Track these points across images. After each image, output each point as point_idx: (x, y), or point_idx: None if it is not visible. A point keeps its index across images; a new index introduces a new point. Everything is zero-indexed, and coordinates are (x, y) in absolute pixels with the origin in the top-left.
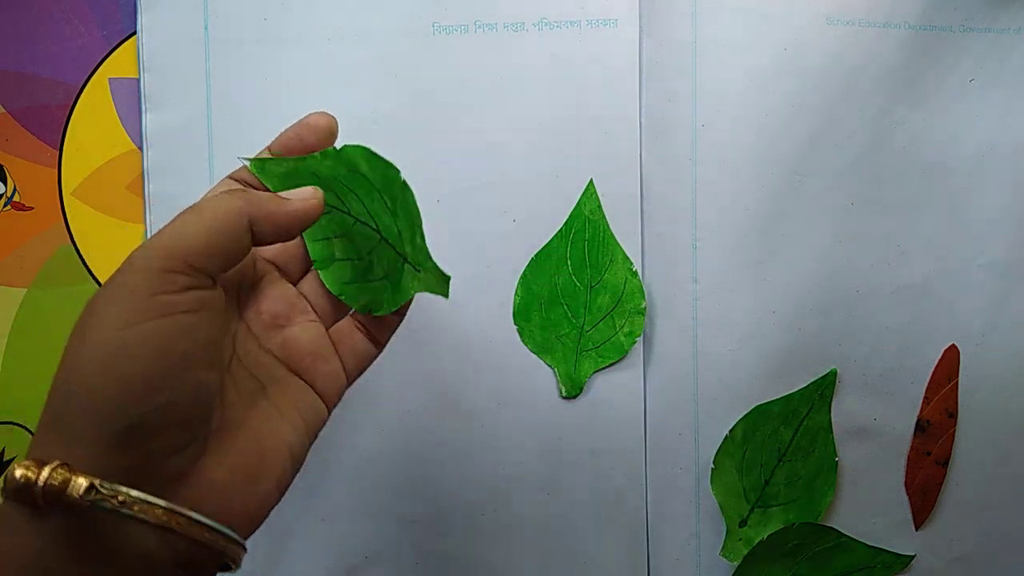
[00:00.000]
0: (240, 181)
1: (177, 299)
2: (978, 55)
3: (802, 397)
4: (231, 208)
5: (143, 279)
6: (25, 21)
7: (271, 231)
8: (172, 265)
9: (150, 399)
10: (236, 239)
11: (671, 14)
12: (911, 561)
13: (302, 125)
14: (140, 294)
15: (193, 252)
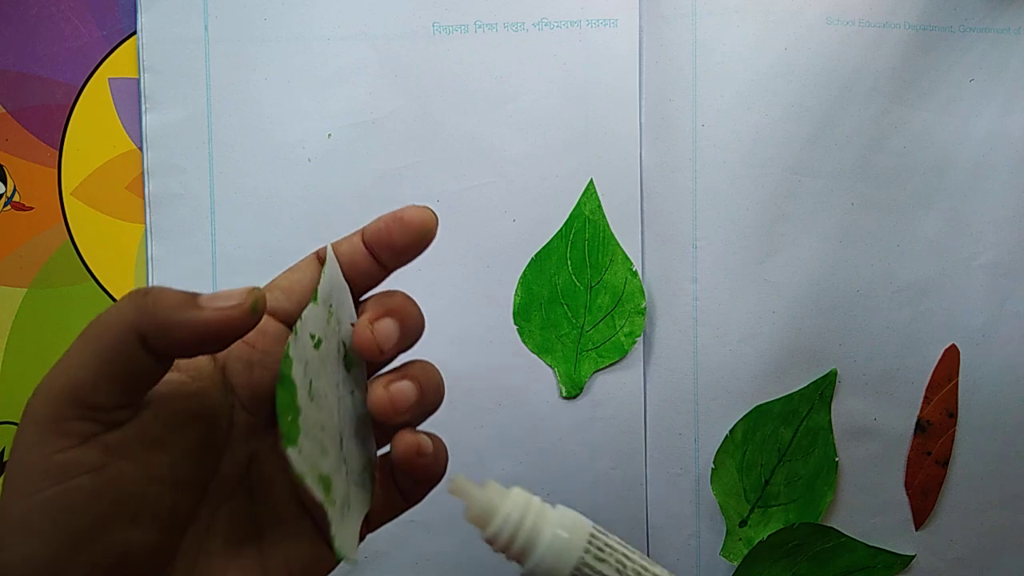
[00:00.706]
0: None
1: (75, 457)
2: (978, 55)
3: (802, 397)
4: (120, 323)
5: (36, 436)
6: (25, 21)
7: (169, 347)
8: (63, 412)
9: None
10: (126, 362)
11: (671, 14)
12: (911, 561)
13: (394, 219)
14: (36, 455)
15: (83, 388)
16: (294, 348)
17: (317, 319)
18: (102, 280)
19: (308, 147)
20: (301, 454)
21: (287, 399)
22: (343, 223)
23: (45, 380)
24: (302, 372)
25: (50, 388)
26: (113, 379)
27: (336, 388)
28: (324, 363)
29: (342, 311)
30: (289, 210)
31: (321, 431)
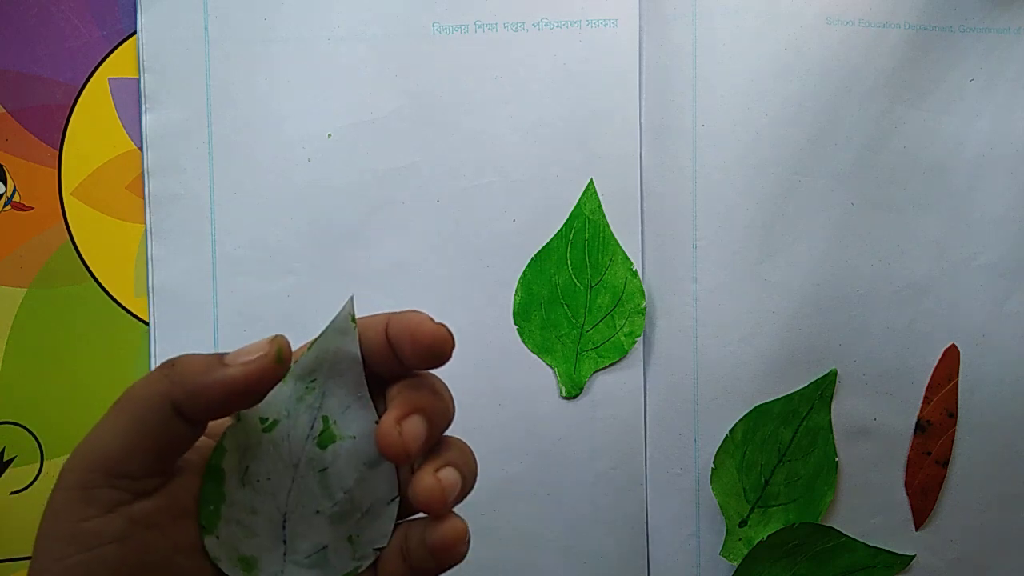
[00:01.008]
0: None
1: (100, 526)
2: (978, 55)
3: (802, 397)
4: (152, 393)
5: (64, 503)
6: (25, 21)
7: (202, 411)
8: (91, 480)
9: None
10: (161, 431)
11: (671, 14)
12: (911, 561)
13: (408, 330)
14: (63, 521)
15: (113, 458)
16: (230, 437)
17: (278, 400)
18: (102, 280)
19: (308, 147)
20: (219, 540)
21: (211, 489)
22: (343, 223)
23: (78, 448)
24: (236, 460)
25: (82, 456)
26: (146, 449)
27: (292, 468)
28: (276, 445)
29: (338, 384)
30: (289, 210)
31: (252, 514)
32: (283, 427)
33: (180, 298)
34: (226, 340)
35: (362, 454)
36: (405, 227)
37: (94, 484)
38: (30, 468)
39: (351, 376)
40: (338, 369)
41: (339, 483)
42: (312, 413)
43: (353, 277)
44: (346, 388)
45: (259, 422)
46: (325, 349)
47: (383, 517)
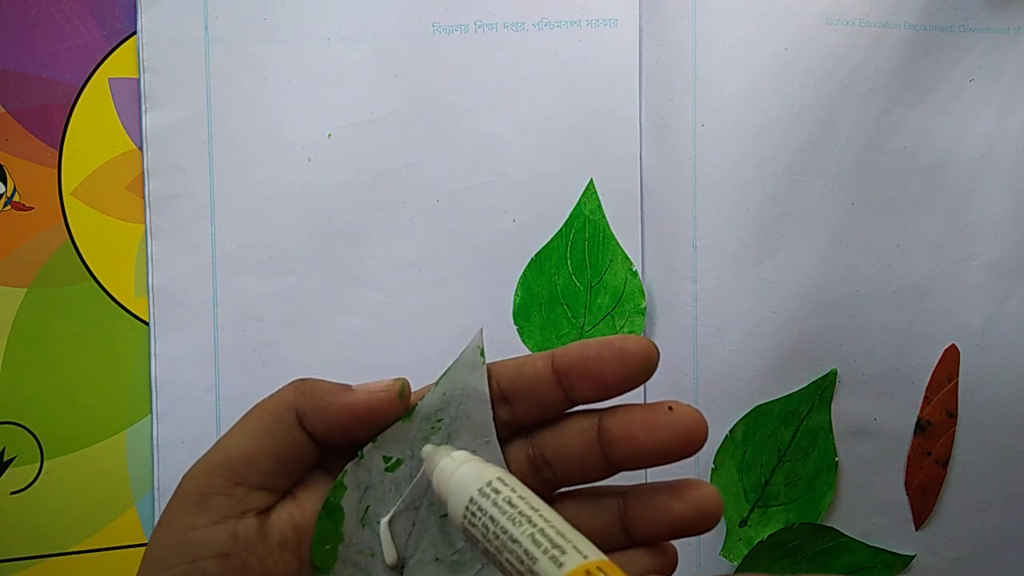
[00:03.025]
0: None
1: (206, 537)
2: (978, 55)
3: (802, 397)
4: (280, 402)
5: (179, 508)
6: (24, 21)
7: (324, 426)
8: (210, 485)
9: None
10: (282, 438)
11: (671, 14)
12: (911, 561)
13: (610, 348)
14: (174, 529)
15: (235, 461)
16: (351, 475)
17: (401, 438)
18: (102, 280)
19: (308, 147)
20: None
21: (328, 527)
22: (343, 223)
23: (203, 456)
24: (357, 498)
25: (206, 462)
26: (267, 455)
27: (413, 511)
28: (397, 486)
29: (464, 425)
30: (289, 210)
31: (370, 556)
32: (406, 467)
33: (180, 298)
34: (226, 340)
35: None
36: (405, 227)
37: (212, 490)
38: (30, 468)
39: (479, 417)
40: (465, 410)
41: (460, 532)
42: None
43: (353, 277)
44: (473, 431)
45: (382, 460)
46: (452, 386)
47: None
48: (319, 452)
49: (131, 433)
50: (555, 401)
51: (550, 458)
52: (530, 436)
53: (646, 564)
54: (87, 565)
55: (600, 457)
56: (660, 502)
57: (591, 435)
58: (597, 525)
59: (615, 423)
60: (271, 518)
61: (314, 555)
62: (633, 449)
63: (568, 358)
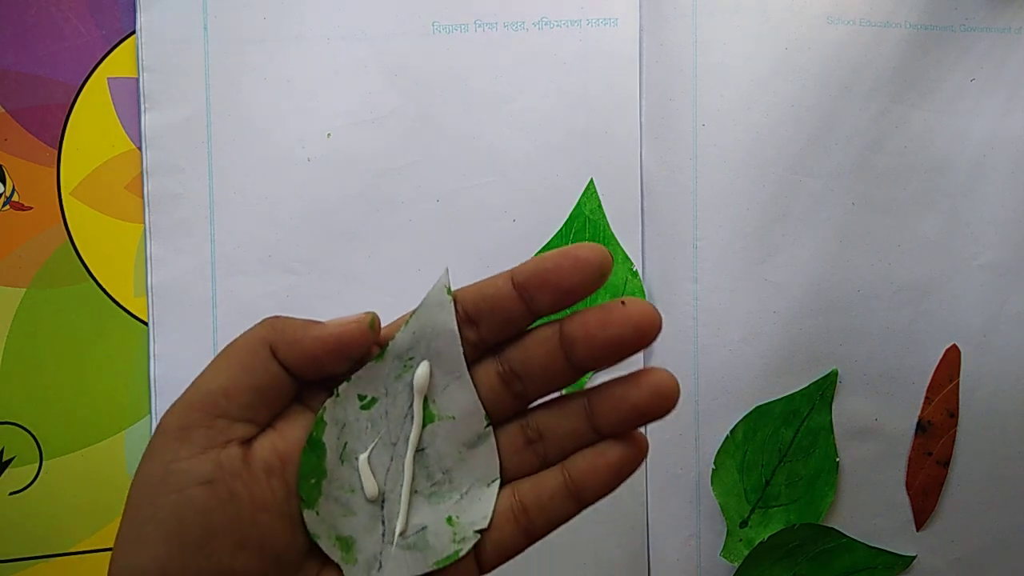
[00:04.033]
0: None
1: (190, 468)
2: (978, 55)
3: (803, 397)
4: (251, 336)
5: (161, 444)
6: (24, 21)
7: (298, 360)
8: (190, 419)
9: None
10: (257, 371)
11: (671, 13)
12: (912, 562)
13: (565, 256)
14: (157, 464)
15: (213, 396)
16: (330, 411)
17: (375, 377)
18: (101, 280)
19: (307, 147)
20: (319, 516)
21: (312, 461)
22: (343, 223)
23: (181, 395)
24: (336, 434)
25: (184, 399)
26: (245, 388)
27: (390, 447)
28: (374, 423)
29: (436, 362)
30: (288, 210)
31: (350, 492)
32: (381, 405)
33: (179, 298)
34: (225, 340)
35: (462, 433)
36: (405, 227)
37: (193, 423)
38: (29, 468)
39: (449, 353)
40: (435, 347)
41: (438, 463)
42: (410, 392)
43: (353, 277)
44: (445, 366)
45: (357, 399)
46: (422, 325)
47: (484, 499)
48: (296, 386)
49: (130, 433)
50: (518, 316)
51: (519, 371)
52: (498, 354)
53: (617, 453)
54: (86, 565)
55: (564, 361)
56: (620, 393)
57: (554, 342)
58: (567, 427)
59: (574, 326)
60: (254, 447)
61: (300, 488)
62: (592, 346)
63: (526, 272)
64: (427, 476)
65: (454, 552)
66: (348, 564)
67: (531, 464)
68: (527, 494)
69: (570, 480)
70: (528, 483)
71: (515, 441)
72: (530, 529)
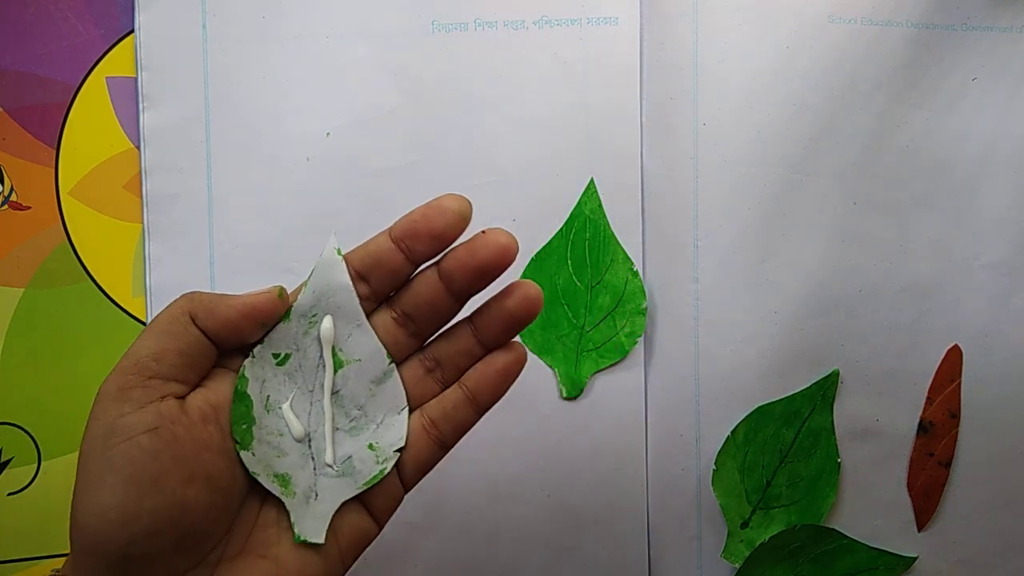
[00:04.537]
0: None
1: (134, 420)
2: (981, 54)
3: (804, 398)
4: (173, 307)
5: (104, 406)
6: (23, 20)
7: (215, 326)
8: (127, 382)
9: (126, 529)
10: (181, 336)
11: (672, 12)
12: (913, 563)
13: (430, 206)
14: (103, 421)
15: (145, 359)
16: (250, 369)
17: (285, 337)
18: (99, 280)
19: (307, 146)
20: (255, 456)
21: (241, 410)
22: (342, 222)
23: (116, 364)
24: (259, 388)
25: (119, 367)
26: (171, 351)
27: (308, 394)
28: (290, 376)
29: (337, 315)
30: (287, 209)
31: (279, 436)
32: (295, 360)
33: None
34: None
35: (369, 373)
36: None
37: (129, 385)
38: (27, 469)
39: (348, 306)
40: (334, 302)
41: (353, 401)
42: (319, 344)
43: None
44: (346, 317)
45: (272, 357)
46: (319, 284)
47: (397, 425)
48: (216, 351)
49: None
50: (400, 265)
51: (410, 312)
52: (391, 304)
53: (502, 359)
54: None
55: (446, 294)
56: (496, 306)
57: (434, 279)
58: (458, 348)
59: (447, 261)
60: (188, 400)
61: (234, 432)
62: (465, 273)
63: (400, 225)
64: (345, 414)
65: (379, 471)
66: (288, 497)
67: (433, 389)
68: (434, 411)
69: (468, 391)
70: (434, 403)
71: (416, 372)
72: (442, 440)
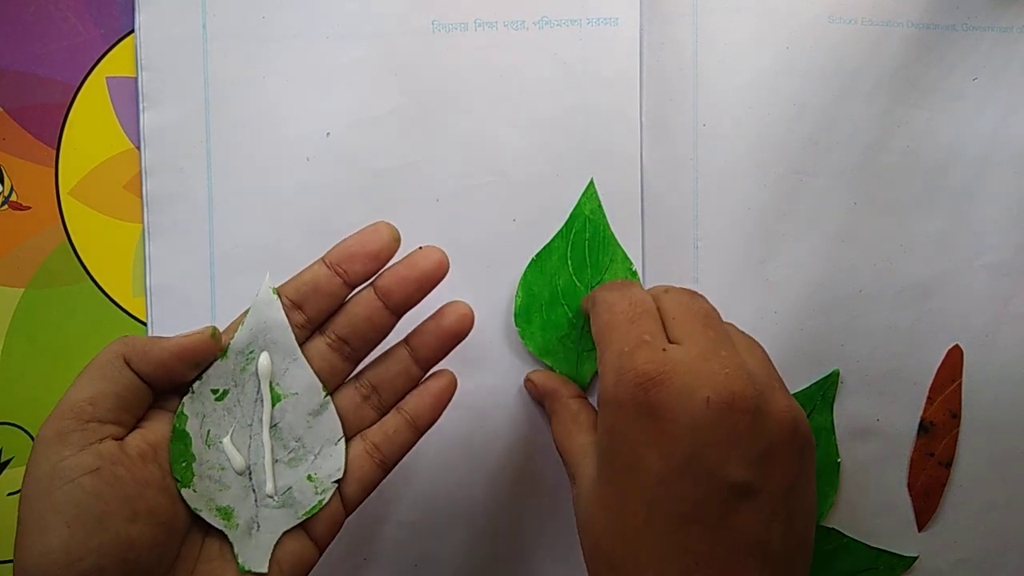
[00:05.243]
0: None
1: (75, 462)
2: (981, 54)
3: (804, 397)
4: (107, 351)
5: (45, 450)
6: (22, 20)
7: (149, 368)
8: (66, 426)
9: (72, 569)
10: (116, 379)
11: (672, 13)
12: (914, 563)
13: (364, 232)
14: (44, 466)
15: (81, 404)
16: (189, 406)
17: (223, 373)
18: (99, 280)
19: (307, 146)
20: (196, 492)
21: (180, 449)
22: (342, 222)
23: (53, 409)
24: (198, 424)
25: (56, 411)
26: (107, 395)
27: (247, 428)
28: (229, 411)
29: (273, 351)
30: (288, 209)
31: (221, 470)
32: (233, 395)
33: (178, 298)
34: None
35: (305, 406)
36: (405, 227)
37: (67, 429)
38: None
39: (284, 341)
40: (271, 338)
41: (291, 433)
42: (256, 379)
43: None
44: (281, 353)
45: (211, 393)
46: (256, 322)
47: (335, 455)
48: (151, 393)
49: None
50: (337, 289)
51: (345, 334)
52: (324, 330)
53: (438, 385)
54: None
55: (383, 310)
56: (432, 327)
57: (370, 297)
58: (397, 369)
59: (386, 277)
60: (127, 441)
61: (173, 471)
62: (404, 286)
63: (336, 251)
64: (283, 446)
65: (318, 502)
66: (231, 529)
67: (370, 415)
68: (376, 436)
69: (408, 415)
70: (375, 428)
71: (353, 399)
72: (384, 462)
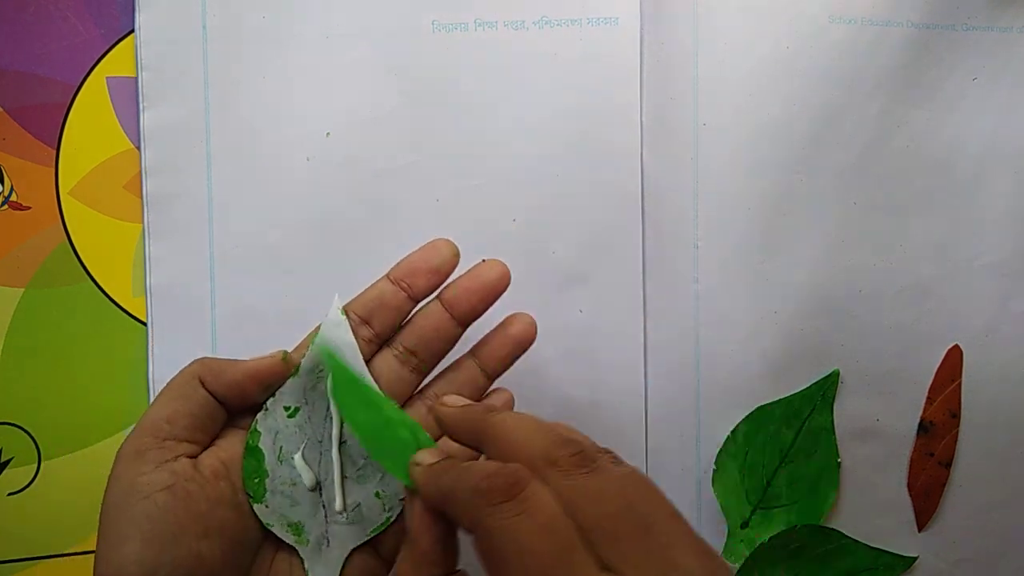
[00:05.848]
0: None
1: (151, 479)
2: (981, 53)
3: (804, 398)
4: (184, 372)
5: (124, 467)
6: (22, 19)
7: (223, 388)
8: (144, 444)
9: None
10: (192, 399)
11: (672, 13)
12: (914, 563)
13: (425, 248)
14: (124, 481)
15: (158, 423)
16: (262, 423)
17: (295, 391)
18: (100, 280)
19: (307, 146)
20: (268, 508)
21: (253, 465)
22: (342, 222)
23: (134, 426)
24: (271, 441)
25: (136, 429)
26: (183, 413)
27: (318, 444)
28: (300, 428)
29: None
30: (288, 209)
31: (292, 486)
32: (304, 412)
33: (178, 298)
34: (224, 340)
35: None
36: (405, 227)
37: (145, 447)
38: (27, 469)
39: (352, 362)
40: (340, 357)
41: (359, 451)
42: (326, 398)
43: (352, 277)
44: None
45: (283, 410)
46: (326, 342)
47: None
48: (225, 412)
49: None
50: (402, 303)
51: (413, 346)
52: (392, 343)
53: (502, 398)
54: (85, 567)
55: (449, 321)
56: (499, 337)
57: (437, 309)
58: (464, 379)
59: (451, 289)
60: (200, 459)
61: (246, 486)
62: (469, 296)
63: (400, 267)
64: (352, 463)
65: (386, 519)
66: (301, 545)
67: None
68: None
69: None
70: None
71: (420, 412)
72: None
